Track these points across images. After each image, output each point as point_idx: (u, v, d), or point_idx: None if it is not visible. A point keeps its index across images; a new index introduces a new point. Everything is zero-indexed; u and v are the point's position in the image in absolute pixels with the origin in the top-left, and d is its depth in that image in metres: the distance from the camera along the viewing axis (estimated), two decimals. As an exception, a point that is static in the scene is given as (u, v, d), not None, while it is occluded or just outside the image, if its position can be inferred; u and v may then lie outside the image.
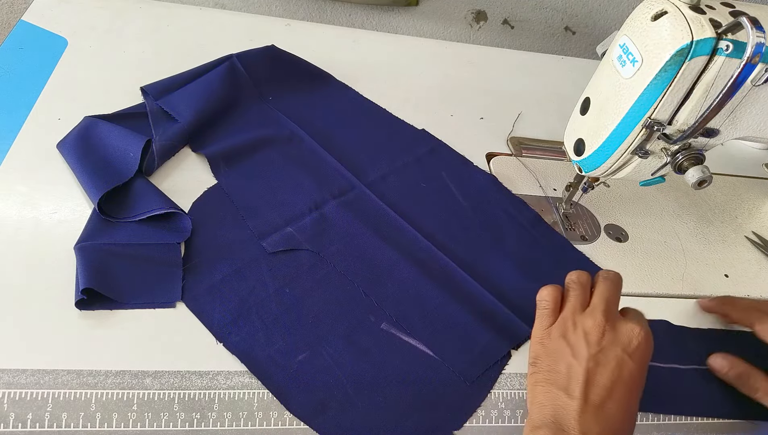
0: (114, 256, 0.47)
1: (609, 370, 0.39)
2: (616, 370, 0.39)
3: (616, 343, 0.41)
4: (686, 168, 0.46)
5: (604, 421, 0.38)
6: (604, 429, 0.37)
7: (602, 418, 0.38)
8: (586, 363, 0.40)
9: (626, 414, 0.39)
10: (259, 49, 0.68)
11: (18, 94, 0.60)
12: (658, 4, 0.43)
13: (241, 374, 0.43)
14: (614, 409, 0.38)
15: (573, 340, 0.42)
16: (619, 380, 0.39)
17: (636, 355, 0.40)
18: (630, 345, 0.41)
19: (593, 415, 0.38)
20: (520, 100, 0.76)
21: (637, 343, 0.41)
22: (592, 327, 0.42)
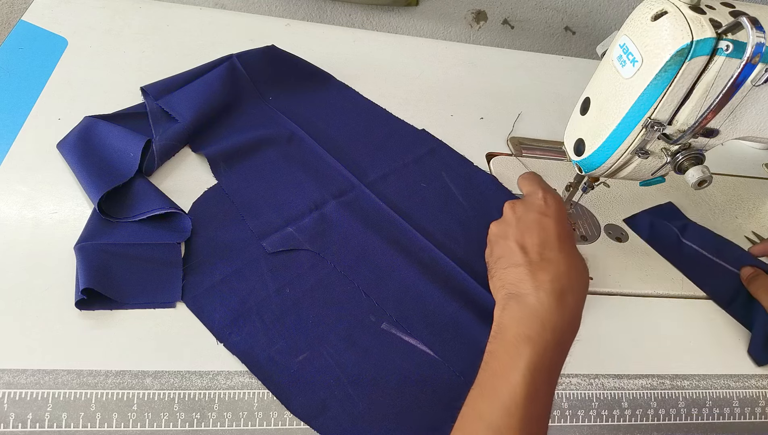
0: (114, 256, 0.47)
1: (534, 232, 0.45)
2: (540, 229, 0.45)
3: (529, 211, 0.46)
4: (686, 168, 0.46)
5: (549, 268, 0.42)
6: (552, 274, 0.42)
7: (547, 266, 0.43)
8: (513, 235, 0.46)
9: (567, 257, 0.43)
10: (259, 49, 0.68)
11: (18, 94, 0.60)
12: (658, 4, 0.43)
13: (241, 374, 0.43)
14: (554, 256, 0.43)
15: (500, 231, 0.48)
16: (545, 235, 0.44)
17: (550, 211, 0.46)
18: (540, 206, 0.46)
19: (538, 267, 0.43)
20: (520, 100, 0.76)
21: (545, 202, 0.47)
22: (506, 211, 0.48)
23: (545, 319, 0.40)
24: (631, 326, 0.53)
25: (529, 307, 0.41)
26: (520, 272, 0.43)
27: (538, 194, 0.47)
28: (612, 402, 0.48)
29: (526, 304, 0.41)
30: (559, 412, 0.46)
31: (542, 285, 0.41)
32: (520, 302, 0.41)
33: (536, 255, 0.43)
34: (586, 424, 0.47)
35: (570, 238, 0.45)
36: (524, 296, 0.41)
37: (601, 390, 0.48)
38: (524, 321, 0.40)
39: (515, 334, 0.40)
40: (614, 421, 0.47)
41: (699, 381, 0.50)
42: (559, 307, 0.40)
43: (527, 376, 0.37)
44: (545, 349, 0.39)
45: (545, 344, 0.39)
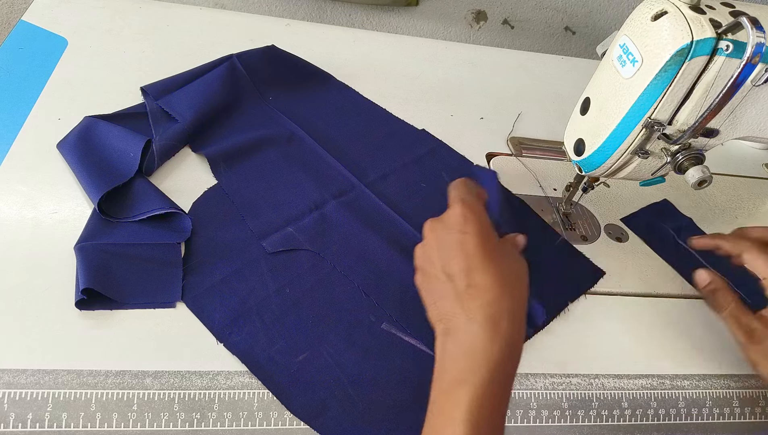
0: (114, 256, 0.47)
1: (456, 254, 0.41)
2: (462, 251, 0.41)
3: (448, 231, 0.42)
4: (686, 168, 0.46)
5: (478, 296, 0.39)
6: (482, 300, 0.39)
7: (476, 294, 0.39)
8: (438, 262, 0.42)
9: (496, 278, 0.40)
10: (259, 49, 0.68)
11: (18, 94, 0.60)
12: (658, 4, 0.43)
13: (241, 374, 0.43)
14: (482, 281, 0.39)
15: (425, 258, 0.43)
16: (469, 256, 0.40)
17: (469, 228, 0.41)
18: (458, 223, 0.42)
19: (467, 296, 0.39)
20: (520, 100, 0.76)
21: (463, 219, 0.42)
22: (426, 234, 0.44)
23: (480, 356, 0.38)
24: (631, 326, 0.53)
25: (462, 345, 0.38)
26: (450, 304, 0.40)
27: (456, 208, 0.43)
28: (612, 402, 0.48)
29: (459, 342, 0.39)
30: (559, 412, 0.46)
31: (473, 316, 0.39)
32: (454, 339, 0.39)
33: (463, 282, 0.40)
34: (586, 424, 0.47)
35: (497, 251, 0.41)
36: (457, 332, 0.39)
37: (601, 390, 0.48)
38: (459, 361, 0.38)
39: (451, 379, 0.38)
40: (614, 421, 0.47)
41: (699, 381, 0.50)
42: (494, 337, 0.38)
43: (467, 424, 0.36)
44: (484, 388, 0.37)
45: (482, 384, 0.37)
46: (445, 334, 0.40)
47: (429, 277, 0.42)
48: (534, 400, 0.46)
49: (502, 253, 0.42)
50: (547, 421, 0.46)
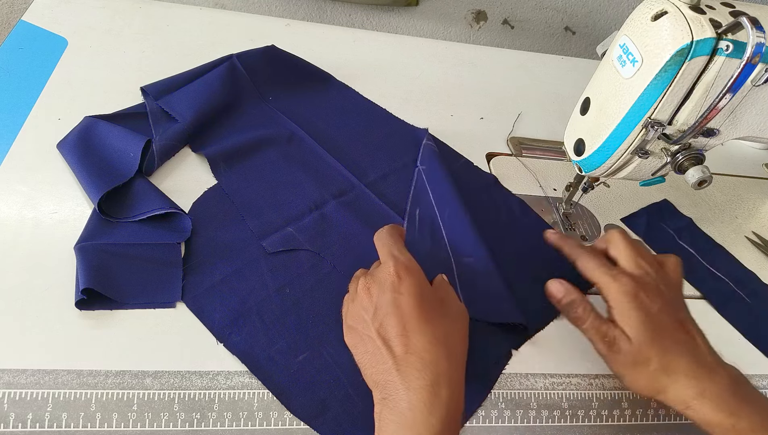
0: (114, 256, 0.47)
1: (392, 317, 0.39)
2: (397, 312, 0.39)
3: (383, 291, 0.41)
4: (686, 168, 0.46)
5: (415, 361, 0.38)
6: (420, 367, 0.38)
7: (413, 359, 0.38)
8: (373, 325, 0.40)
9: (433, 338, 0.39)
10: (259, 49, 0.68)
11: (18, 94, 0.60)
12: (658, 4, 0.43)
13: (241, 374, 0.43)
14: (418, 343, 0.38)
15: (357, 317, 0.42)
16: (405, 318, 0.39)
17: (404, 288, 0.40)
18: (394, 283, 0.40)
19: (404, 362, 0.38)
20: (520, 100, 0.76)
21: (397, 277, 0.41)
22: (360, 293, 0.42)
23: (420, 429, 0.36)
24: (631, 326, 0.53)
25: (402, 416, 0.37)
26: (388, 371, 0.38)
27: (390, 267, 0.41)
28: (612, 402, 0.48)
29: (399, 412, 0.37)
30: (559, 412, 0.46)
31: (411, 383, 0.37)
32: (392, 409, 0.37)
33: (400, 347, 0.38)
34: (586, 424, 0.47)
35: (434, 310, 0.40)
36: (395, 402, 0.37)
37: (601, 390, 0.48)
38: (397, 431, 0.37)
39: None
40: (614, 421, 0.47)
41: (699, 381, 0.50)
42: (433, 406, 0.37)
43: None
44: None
45: None
46: (382, 404, 0.38)
47: (363, 339, 0.41)
48: (534, 400, 0.46)
49: (439, 309, 0.41)
50: (547, 421, 0.46)
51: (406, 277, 0.41)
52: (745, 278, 0.60)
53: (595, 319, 0.44)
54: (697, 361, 0.42)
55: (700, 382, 0.40)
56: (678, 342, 0.42)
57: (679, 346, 0.42)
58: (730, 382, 0.41)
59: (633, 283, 0.43)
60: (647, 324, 0.42)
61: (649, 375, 0.41)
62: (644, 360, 0.41)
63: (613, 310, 0.43)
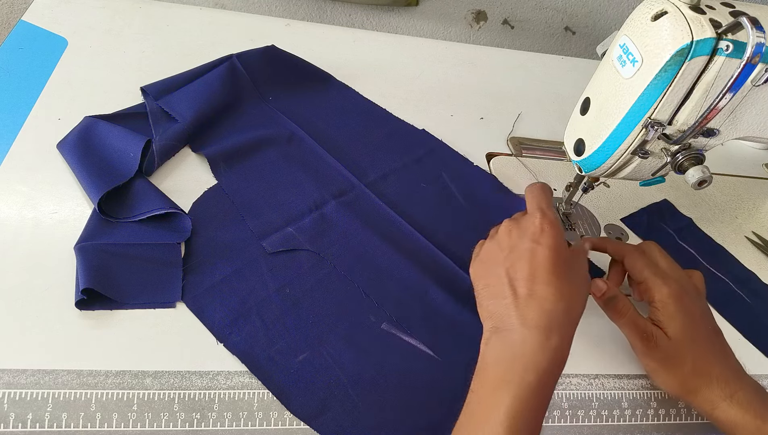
0: (114, 256, 0.47)
1: (525, 262, 0.42)
2: (531, 259, 0.42)
3: (523, 237, 0.44)
4: (686, 168, 0.46)
5: (536, 305, 0.40)
6: (539, 311, 0.40)
7: (534, 303, 0.41)
8: (504, 263, 0.43)
9: (557, 291, 0.41)
10: (259, 49, 0.68)
11: (18, 94, 0.60)
12: (658, 4, 0.43)
13: (241, 374, 0.43)
14: (542, 291, 0.41)
15: (490, 253, 0.46)
16: (537, 266, 0.42)
17: (543, 240, 0.43)
18: (535, 233, 0.43)
19: (525, 303, 0.41)
20: (520, 100, 0.76)
21: (540, 229, 0.44)
22: (501, 233, 0.46)
23: (528, 360, 0.39)
24: (631, 326, 0.53)
25: (512, 347, 0.39)
26: (507, 306, 0.41)
27: (536, 219, 0.44)
28: (612, 402, 0.48)
29: (509, 342, 0.40)
30: (559, 412, 0.46)
31: (527, 322, 0.40)
32: (503, 339, 0.40)
33: (524, 289, 0.41)
34: (586, 424, 0.47)
35: (565, 268, 0.43)
36: (508, 333, 0.40)
37: (601, 390, 0.48)
38: (506, 362, 0.39)
39: (496, 377, 0.39)
40: (614, 421, 0.47)
41: (699, 381, 0.50)
42: (544, 346, 0.39)
43: (506, 424, 0.36)
44: (527, 392, 0.38)
45: (527, 387, 0.38)
46: (494, 332, 0.41)
47: (489, 273, 0.44)
48: (534, 400, 0.46)
49: (569, 270, 0.43)
50: (547, 421, 0.46)
51: (549, 230, 0.44)
52: (745, 278, 0.60)
53: (634, 314, 0.46)
54: (728, 367, 0.45)
55: (730, 386, 0.43)
56: (712, 347, 0.45)
57: (713, 352, 0.45)
58: (757, 387, 0.44)
59: (679, 288, 0.46)
60: (689, 326, 0.45)
61: (683, 376, 0.44)
62: (680, 360, 0.44)
63: (657, 310, 0.46)
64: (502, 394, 0.38)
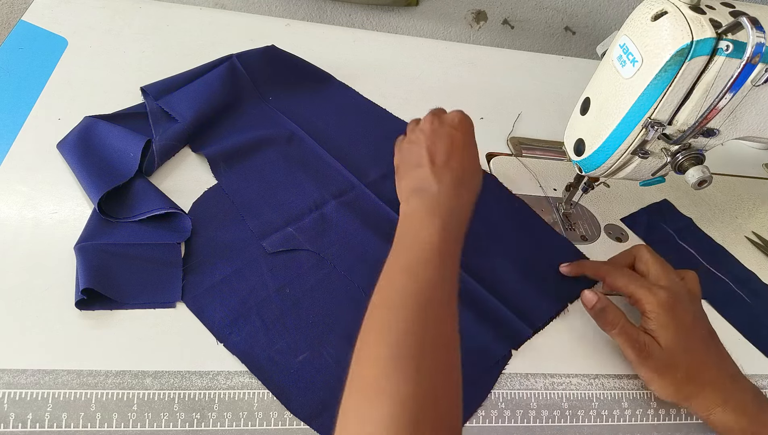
0: (114, 256, 0.47)
1: (444, 142, 0.50)
2: (449, 140, 0.51)
3: (443, 125, 0.52)
4: (686, 168, 0.46)
5: (450, 173, 0.48)
6: (452, 178, 0.48)
7: (448, 171, 0.48)
8: (425, 142, 0.51)
9: (467, 168, 0.50)
10: (259, 49, 0.68)
11: (18, 94, 0.60)
12: (658, 4, 0.43)
13: (241, 374, 0.43)
14: (456, 164, 0.49)
15: (415, 138, 0.53)
16: (453, 146, 0.50)
17: (461, 127, 0.52)
18: (454, 122, 0.52)
19: (441, 170, 0.48)
20: (520, 100, 0.76)
21: (458, 120, 0.53)
22: (424, 122, 0.54)
23: (444, 202, 0.46)
24: (631, 326, 0.53)
25: (430, 196, 0.46)
26: (425, 172, 0.48)
27: (456, 113, 0.53)
28: (612, 402, 0.48)
29: (428, 196, 0.46)
30: (559, 412, 0.46)
31: (443, 181, 0.47)
32: (422, 195, 0.46)
33: (441, 161, 0.49)
34: (586, 424, 0.47)
35: (471, 150, 0.52)
36: (426, 190, 0.47)
37: (601, 390, 0.48)
38: (427, 204, 0.45)
39: (421, 215, 0.45)
40: (614, 421, 0.47)
41: (699, 381, 0.50)
42: (456, 195, 0.46)
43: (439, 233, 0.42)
44: (448, 222, 0.44)
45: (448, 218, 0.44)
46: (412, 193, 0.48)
47: (411, 150, 0.52)
48: (534, 400, 0.46)
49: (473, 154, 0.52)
50: (547, 421, 0.46)
51: (465, 124, 0.53)
52: (745, 278, 0.60)
53: (626, 324, 0.46)
54: (723, 372, 0.45)
55: (724, 392, 0.44)
56: (707, 352, 0.45)
57: (707, 357, 0.45)
58: (753, 392, 0.44)
59: (669, 296, 0.46)
60: (681, 334, 0.45)
61: (677, 383, 0.44)
62: (673, 368, 0.44)
63: (649, 321, 0.46)
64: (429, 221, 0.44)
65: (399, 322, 0.36)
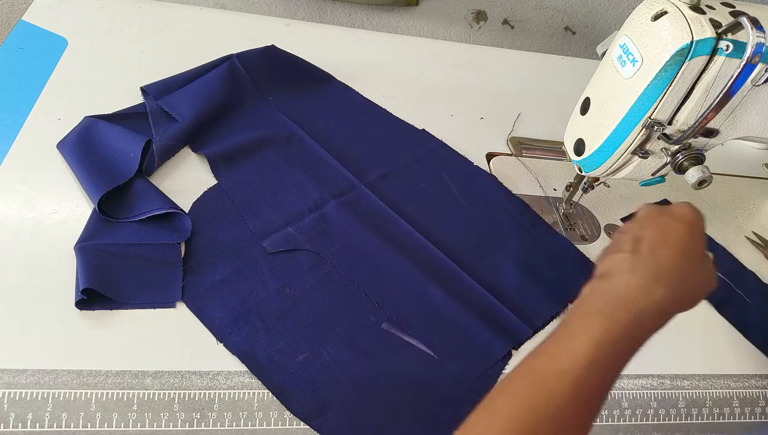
0: (114, 256, 0.47)
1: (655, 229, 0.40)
2: (664, 229, 0.39)
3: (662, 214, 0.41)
4: (686, 168, 0.46)
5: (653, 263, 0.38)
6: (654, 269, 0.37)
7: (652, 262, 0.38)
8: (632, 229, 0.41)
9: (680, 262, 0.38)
10: (259, 49, 0.68)
11: (18, 94, 0.60)
12: (658, 4, 0.43)
13: (241, 374, 0.43)
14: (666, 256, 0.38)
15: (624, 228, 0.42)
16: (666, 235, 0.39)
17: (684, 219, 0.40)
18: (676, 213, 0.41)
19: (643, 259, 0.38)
20: (520, 100, 0.76)
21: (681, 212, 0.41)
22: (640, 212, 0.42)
23: (625, 299, 0.36)
24: (631, 326, 0.53)
25: (613, 286, 0.37)
26: (622, 259, 0.39)
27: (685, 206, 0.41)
28: (612, 402, 0.48)
29: (612, 283, 0.38)
30: (559, 412, 0.46)
31: (637, 271, 0.37)
32: (608, 281, 0.38)
33: (647, 249, 0.38)
34: (586, 424, 0.47)
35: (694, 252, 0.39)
36: (614, 277, 0.38)
37: (601, 390, 0.48)
38: (603, 297, 0.37)
39: (589, 307, 0.37)
40: (614, 421, 0.47)
41: (699, 381, 0.50)
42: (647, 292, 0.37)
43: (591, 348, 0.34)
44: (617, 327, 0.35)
45: (618, 323, 0.35)
46: (599, 278, 0.39)
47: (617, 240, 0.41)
48: (534, 400, 0.46)
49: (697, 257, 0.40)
50: (547, 421, 0.46)
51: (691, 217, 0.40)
52: (745, 278, 0.60)
53: None
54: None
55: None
56: None
57: None
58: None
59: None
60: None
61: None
62: None
63: None
64: (591, 322, 0.36)
65: None
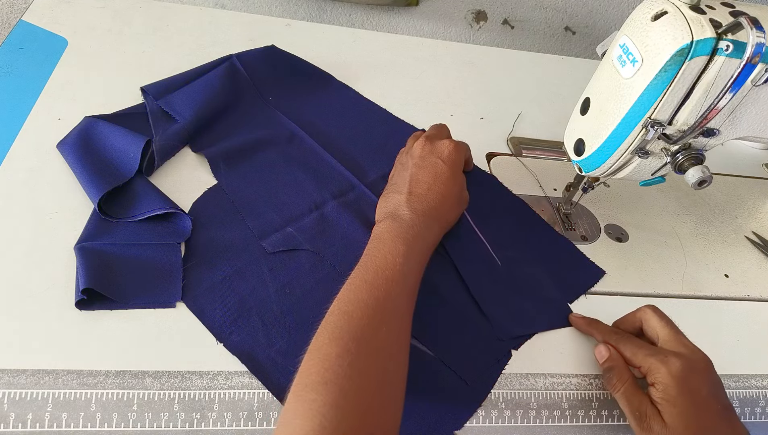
0: (114, 256, 0.47)
1: (427, 172, 0.52)
2: (433, 171, 0.52)
3: (432, 153, 0.53)
4: (686, 168, 0.46)
5: (425, 204, 0.50)
6: (426, 208, 0.49)
7: (424, 202, 0.50)
8: (411, 169, 0.53)
9: (443, 200, 0.51)
10: (259, 49, 0.68)
11: (18, 94, 0.60)
12: (658, 4, 0.43)
13: (241, 374, 0.43)
14: (432, 197, 0.50)
15: (405, 160, 0.55)
16: (436, 179, 0.51)
17: (448, 160, 0.53)
18: (443, 153, 0.53)
19: (417, 200, 0.50)
20: (520, 100, 0.76)
21: (448, 151, 0.53)
22: (416, 147, 0.55)
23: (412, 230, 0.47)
24: (631, 326, 0.53)
25: (401, 222, 0.48)
26: (401, 199, 0.50)
27: (449, 144, 0.54)
28: (612, 402, 0.48)
29: (401, 222, 0.48)
30: (559, 412, 0.46)
31: (416, 210, 0.49)
32: (394, 220, 0.48)
33: (419, 191, 0.50)
34: (586, 424, 0.47)
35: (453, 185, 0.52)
36: (400, 216, 0.48)
37: (601, 390, 0.48)
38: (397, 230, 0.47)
39: (389, 238, 0.46)
40: (614, 421, 0.47)
41: (699, 381, 0.50)
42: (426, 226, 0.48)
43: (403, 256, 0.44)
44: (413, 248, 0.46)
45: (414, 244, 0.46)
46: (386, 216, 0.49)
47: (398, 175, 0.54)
48: (534, 400, 0.46)
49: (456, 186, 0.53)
50: (547, 421, 0.46)
51: (453, 156, 0.53)
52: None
53: (629, 388, 0.43)
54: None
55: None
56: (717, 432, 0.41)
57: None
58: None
59: (682, 365, 0.42)
60: (691, 413, 0.40)
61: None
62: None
63: (656, 391, 0.42)
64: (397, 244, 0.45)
65: (352, 327, 0.39)
